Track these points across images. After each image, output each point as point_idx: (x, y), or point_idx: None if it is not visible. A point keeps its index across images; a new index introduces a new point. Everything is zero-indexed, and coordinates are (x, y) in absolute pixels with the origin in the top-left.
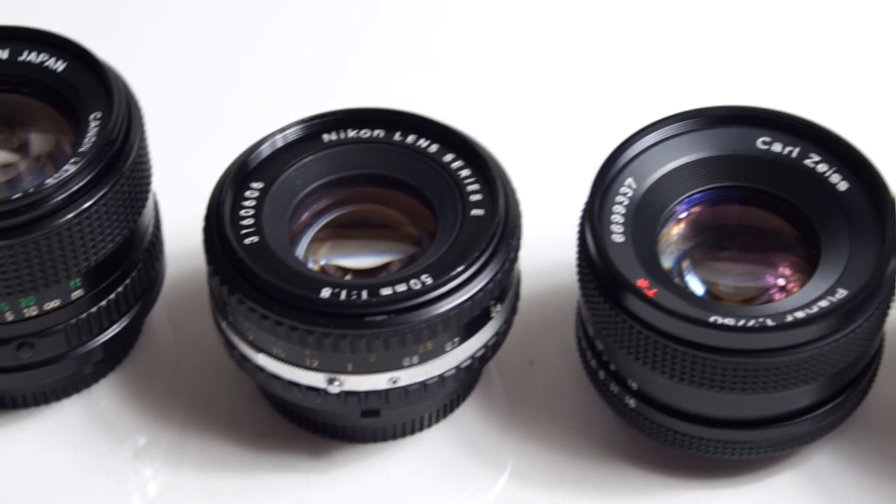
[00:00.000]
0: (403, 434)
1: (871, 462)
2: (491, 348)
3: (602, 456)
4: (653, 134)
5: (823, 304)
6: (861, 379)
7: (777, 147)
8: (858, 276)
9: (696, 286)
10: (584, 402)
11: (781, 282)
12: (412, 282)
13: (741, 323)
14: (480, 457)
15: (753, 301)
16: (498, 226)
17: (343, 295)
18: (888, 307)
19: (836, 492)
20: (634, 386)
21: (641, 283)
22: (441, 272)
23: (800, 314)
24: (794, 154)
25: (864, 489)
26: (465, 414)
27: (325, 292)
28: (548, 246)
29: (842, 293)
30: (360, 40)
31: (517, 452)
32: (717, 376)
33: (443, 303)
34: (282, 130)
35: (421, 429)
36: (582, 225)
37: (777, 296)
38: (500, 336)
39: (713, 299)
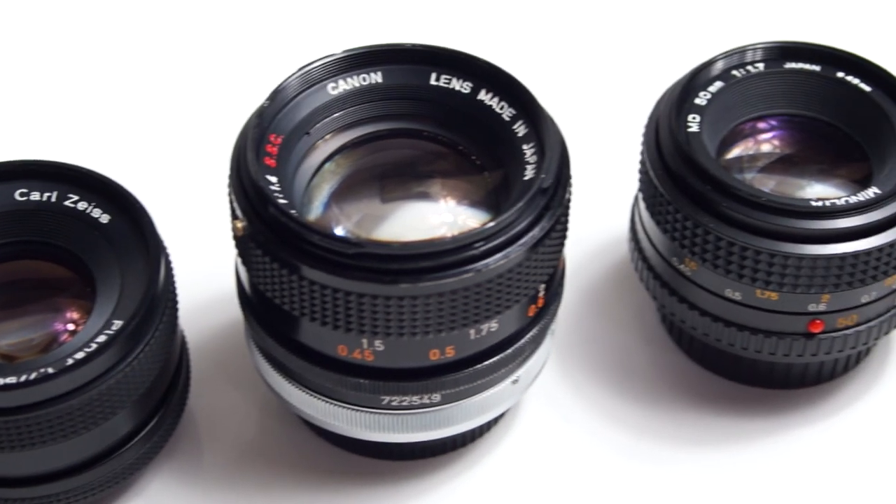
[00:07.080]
0: None
1: (205, 473)
2: None
3: None
4: None
5: (101, 338)
6: (171, 395)
7: (35, 196)
8: (131, 304)
9: None
10: None
11: (71, 326)
12: None
13: (23, 378)
14: None
15: (49, 349)
16: None
17: None
18: (172, 325)
19: None
20: None
21: None
22: None
23: (79, 355)
24: (52, 198)
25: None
26: None
27: None
28: None
29: (117, 324)
30: None
31: None
32: (14, 435)
33: None
34: None
35: None
36: None
37: (69, 339)
38: None
39: (9, 361)
